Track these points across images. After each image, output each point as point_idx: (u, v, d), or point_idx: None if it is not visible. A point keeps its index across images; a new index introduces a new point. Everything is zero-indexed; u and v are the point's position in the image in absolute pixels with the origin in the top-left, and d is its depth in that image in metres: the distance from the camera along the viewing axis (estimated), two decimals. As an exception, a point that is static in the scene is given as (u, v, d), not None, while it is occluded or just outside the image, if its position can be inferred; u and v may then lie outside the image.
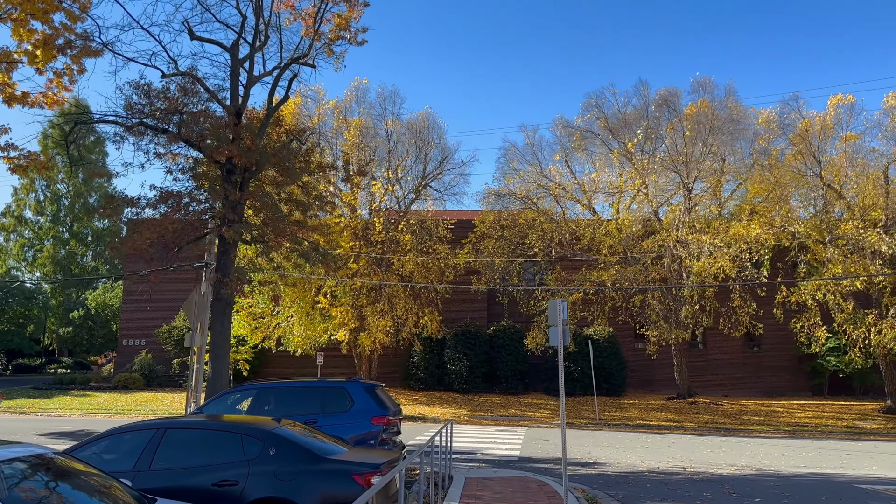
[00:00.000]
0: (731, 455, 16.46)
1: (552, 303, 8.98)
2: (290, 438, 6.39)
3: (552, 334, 8.91)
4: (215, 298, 13.80)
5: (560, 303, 8.94)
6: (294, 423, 7.18)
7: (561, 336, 8.79)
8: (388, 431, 10.78)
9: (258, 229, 13.74)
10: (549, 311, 9.05)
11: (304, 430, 7.05)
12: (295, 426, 7.01)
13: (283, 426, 6.77)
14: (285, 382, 11.76)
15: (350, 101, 30.09)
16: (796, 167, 28.23)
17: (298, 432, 6.75)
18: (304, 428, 7.18)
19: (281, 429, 6.64)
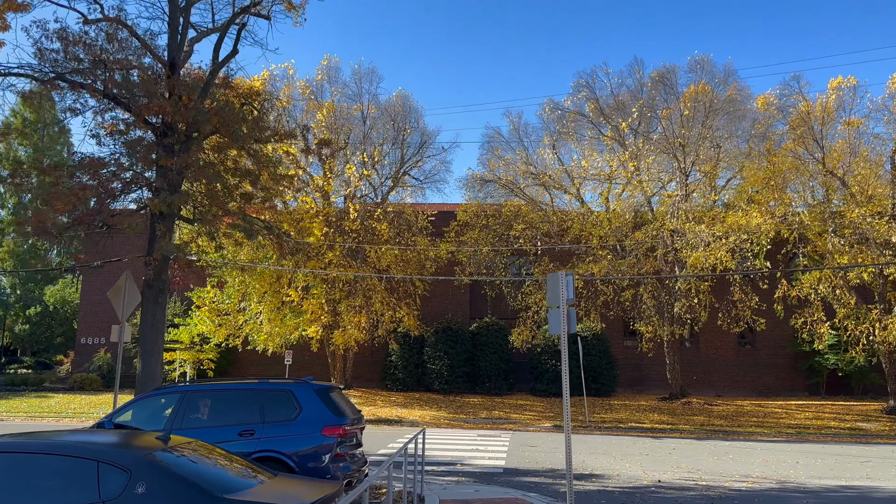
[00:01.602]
0: (742, 464, 14.68)
1: (553, 277, 7.06)
2: (173, 468, 4.37)
3: (553, 319, 7.01)
4: (146, 284, 11.77)
5: (564, 276, 7.03)
6: (191, 443, 5.14)
7: (565, 320, 6.89)
8: (344, 444, 8.81)
9: (198, 203, 11.73)
10: (549, 288, 7.16)
11: (202, 452, 4.97)
12: (190, 447, 4.97)
13: (168, 448, 4.75)
14: (217, 384, 9.73)
15: (321, 80, 28.00)
16: (796, 153, 26.59)
17: (191, 456, 4.73)
18: (204, 449, 5.13)
19: (163, 452, 4.60)
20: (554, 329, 7.13)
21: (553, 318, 7.10)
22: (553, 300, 7.19)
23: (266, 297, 26.93)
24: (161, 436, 4.90)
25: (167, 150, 11.44)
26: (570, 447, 6.69)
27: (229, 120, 11.42)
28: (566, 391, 6.99)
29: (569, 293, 7.01)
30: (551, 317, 7.14)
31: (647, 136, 26.71)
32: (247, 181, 12.51)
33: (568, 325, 6.92)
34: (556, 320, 7.04)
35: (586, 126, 28.35)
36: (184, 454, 4.65)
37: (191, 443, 5.08)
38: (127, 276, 12.23)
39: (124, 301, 12.00)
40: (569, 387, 6.82)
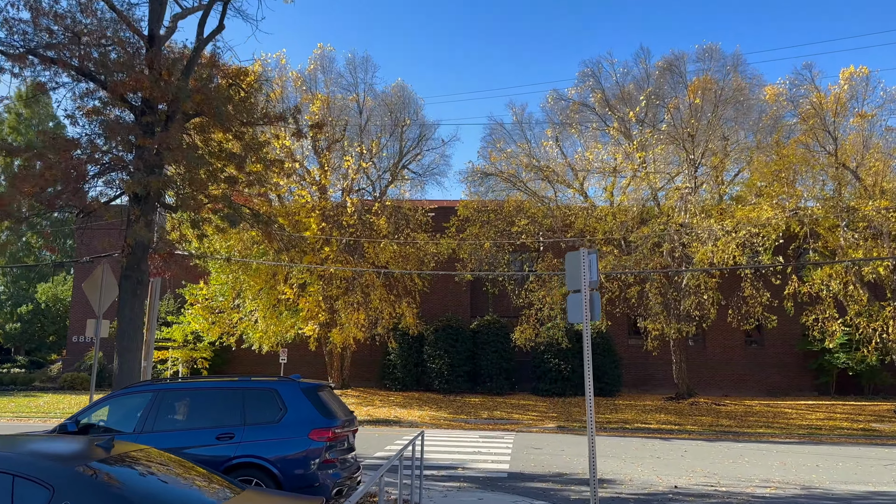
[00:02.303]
0: (760, 467, 13.87)
1: (573, 256, 6.22)
2: (108, 484, 3.50)
3: (573, 305, 6.17)
4: (123, 276, 10.94)
5: (586, 255, 6.19)
6: (141, 450, 4.25)
7: (587, 305, 6.04)
8: (334, 449, 7.98)
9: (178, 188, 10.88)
10: (568, 269, 6.31)
11: (152, 462, 4.05)
12: (138, 455, 4.08)
13: (107, 459, 3.86)
14: (194, 382, 8.89)
15: (314, 70, 27.10)
16: (807, 145, 25.79)
17: (137, 468, 3.86)
18: (157, 458, 4.23)
19: (100, 464, 3.71)
20: (574, 316, 6.28)
21: (573, 303, 6.25)
22: (573, 282, 6.34)
23: (261, 295, 26.12)
24: (102, 442, 4.03)
25: (145, 129, 10.62)
26: (595, 452, 5.85)
27: (213, 98, 10.59)
28: (589, 389, 6.12)
29: (591, 274, 6.15)
30: (571, 302, 6.30)
31: (655, 126, 25.85)
32: (232, 165, 11.68)
33: (591, 310, 6.07)
34: (576, 306, 6.18)
35: (591, 118, 27.52)
36: (127, 465, 3.80)
37: (141, 450, 4.23)
38: (104, 267, 11.43)
39: (101, 294, 11.21)
40: (592, 384, 5.96)
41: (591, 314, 6.09)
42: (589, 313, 6.06)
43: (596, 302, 6.28)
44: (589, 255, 6.32)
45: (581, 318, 6.16)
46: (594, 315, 6.16)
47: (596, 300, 6.31)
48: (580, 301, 6.25)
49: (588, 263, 6.25)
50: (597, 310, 6.18)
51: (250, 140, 11.87)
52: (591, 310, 6.14)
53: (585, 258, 6.30)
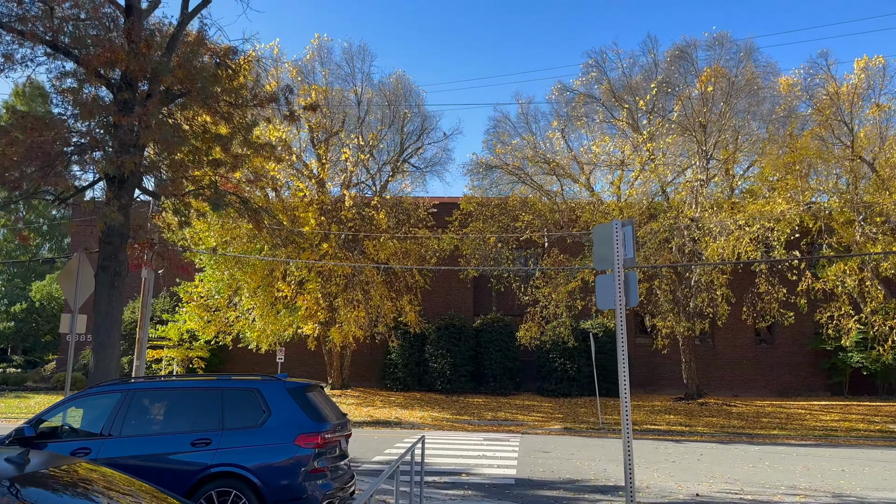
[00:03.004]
0: (782, 472, 13.04)
1: (602, 229, 5.32)
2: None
3: (603, 288, 5.26)
4: (100, 266, 10.12)
5: (619, 227, 5.30)
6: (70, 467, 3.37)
7: (620, 288, 5.13)
8: (323, 456, 7.14)
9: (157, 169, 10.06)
10: (597, 245, 5.39)
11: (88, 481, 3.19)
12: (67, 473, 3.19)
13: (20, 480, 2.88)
14: (168, 381, 8.09)
15: (311, 60, 26.29)
16: (822, 137, 24.95)
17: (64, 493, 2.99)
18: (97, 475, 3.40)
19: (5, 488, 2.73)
20: (604, 302, 5.40)
21: (603, 286, 5.32)
22: (602, 261, 5.45)
23: (258, 293, 25.33)
24: (15, 456, 3.18)
25: (122, 107, 9.82)
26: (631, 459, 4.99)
27: (197, 76, 9.78)
28: (624, 385, 5.20)
29: (627, 250, 5.22)
30: (600, 285, 5.37)
31: (664, 116, 24.97)
32: (217, 146, 10.86)
33: (627, 294, 5.20)
34: (607, 289, 5.26)
35: (597, 109, 26.67)
36: (46, 487, 2.98)
37: (71, 466, 3.40)
38: (80, 256, 10.64)
39: (77, 286, 10.41)
40: (628, 383, 5.08)
41: (626, 298, 5.22)
42: (624, 297, 5.18)
43: (632, 283, 5.37)
44: (623, 228, 5.43)
45: (613, 304, 5.27)
46: (630, 300, 5.28)
47: (632, 281, 5.39)
48: (612, 283, 5.33)
49: (622, 237, 5.33)
50: (633, 293, 5.27)
51: (239, 122, 11.07)
52: (627, 293, 5.25)
53: (619, 231, 5.36)
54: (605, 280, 5.51)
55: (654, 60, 25.47)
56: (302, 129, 26.35)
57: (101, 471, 3.48)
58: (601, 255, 5.52)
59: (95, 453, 6.89)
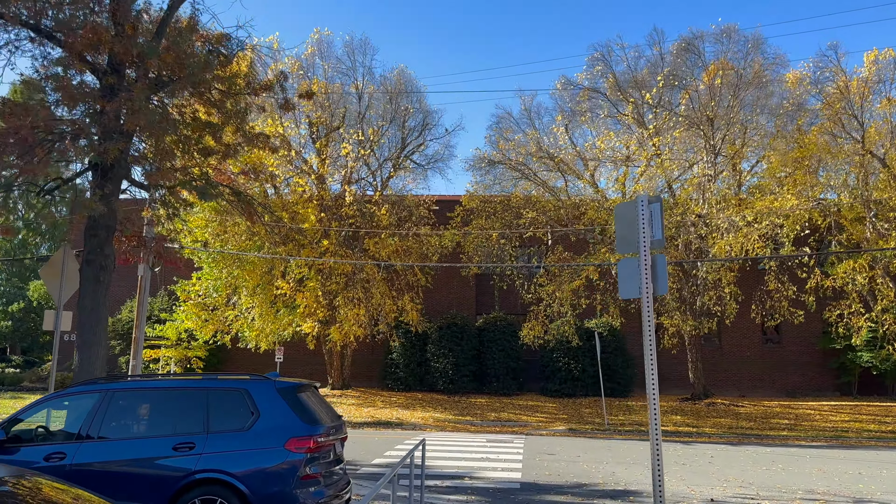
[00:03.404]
0: (797, 475, 12.55)
1: (626, 207, 4.80)
2: None
3: (625, 274, 4.72)
4: (85, 261, 9.65)
5: (647, 204, 4.76)
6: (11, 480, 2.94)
7: (647, 274, 4.60)
8: (316, 461, 6.65)
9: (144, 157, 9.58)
10: (619, 225, 4.87)
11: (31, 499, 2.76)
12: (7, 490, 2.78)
13: None
14: (150, 381, 7.61)
15: (311, 54, 25.79)
16: (831, 132, 24.43)
17: None
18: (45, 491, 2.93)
19: None
20: (627, 290, 4.78)
21: (626, 272, 4.78)
22: (625, 243, 4.97)
23: (257, 291, 24.87)
24: None
25: (107, 92, 9.36)
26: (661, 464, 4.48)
27: (188, 61, 9.30)
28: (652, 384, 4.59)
29: (655, 230, 4.66)
30: (623, 271, 4.87)
31: (671, 110, 24.44)
32: (208, 134, 10.39)
33: (655, 280, 4.65)
34: (630, 275, 4.71)
35: (602, 104, 26.16)
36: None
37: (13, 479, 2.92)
38: (65, 249, 10.20)
39: (62, 281, 9.97)
40: (657, 380, 4.55)
41: (654, 286, 4.69)
42: (650, 284, 4.66)
43: (660, 268, 4.78)
44: (651, 205, 4.87)
45: (638, 292, 4.76)
46: (659, 287, 4.75)
47: (661, 266, 4.79)
48: (637, 268, 4.78)
49: (648, 216, 4.77)
50: (662, 279, 4.76)
51: (231, 109, 10.59)
52: (655, 279, 4.73)
53: (645, 208, 4.79)
54: (628, 265, 4.93)
55: (660, 54, 24.96)
56: (301, 125, 25.93)
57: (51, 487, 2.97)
58: (624, 237, 4.99)
59: (70, 458, 6.43)
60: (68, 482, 3.16)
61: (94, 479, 6.32)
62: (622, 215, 4.94)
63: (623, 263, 5.03)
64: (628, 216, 4.89)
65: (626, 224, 4.92)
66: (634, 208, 4.85)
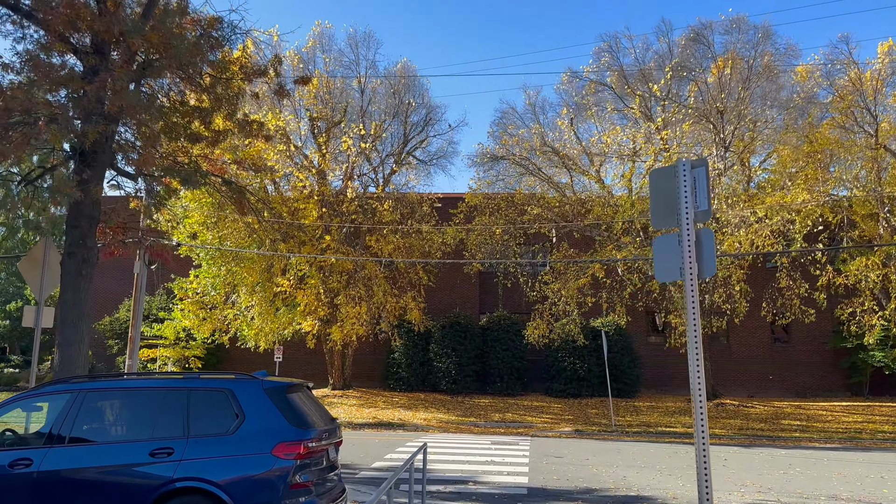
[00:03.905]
0: (816, 479, 11.99)
1: (660, 174, 4.13)
2: None
3: (662, 252, 4.06)
4: (66, 253, 9.13)
5: (689, 169, 4.06)
6: None
7: (691, 252, 3.91)
8: (307, 469, 6.10)
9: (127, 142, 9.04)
10: (653, 196, 4.15)
11: None
12: None
13: None
14: (126, 380, 7.05)
15: (312, 47, 25.25)
16: (843, 125, 23.84)
17: None
18: None
19: None
20: (666, 272, 4.18)
21: (664, 250, 4.17)
22: (662, 217, 4.29)
23: (257, 290, 24.35)
24: None
25: (88, 73, 8.83)
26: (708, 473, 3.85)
27: (175, 43, 8.74)
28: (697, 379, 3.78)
29: (699, 200, 4.05)
30: (659, 249, 4.24)
31: (680, 102, 23.83)
32: (197, 119, 9.85)
33: (700, 260, 3.95)
34: (668, 255, 4.10)
35: (608, 98, 25.58)
36: None
37: None
38: (45, 242, 9.68)
39: (43, 274, 9.46)
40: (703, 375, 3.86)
41: (699, 266, 3.97)
42: (695, 264, 3.95)
43: (707, 244, 4.03)
44: (694, 170, 4.14)
45: (679, 274, 4.06)
46: (705, 268, 4.00)
47: (707, 241, 4.05)
48: (677, 246, 4.05)
49: (691, 183, 4.05)
50: (709, 258, 4.01)
51: (221, 93, 10.05)
52: (700, 259, 3.98)
53: (687, 173, 4.06)
54: (666, 243, 4.21)
55: (669, 45, 24.35)
56: (302, 121, 25.43)
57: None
58: (660, 209, 4.31)
59: (37, 464, 5.89)
60: None
61: (62, 488, 5.81)
62: (658, 184, 4.33)
63: (660, 241, 4.35)
64: (665, 185, 4.24)
65: (663, 194, 4.26)
66: (673, 175, 4.22)
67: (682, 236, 4.08)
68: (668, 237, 4.25)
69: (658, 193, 4.31)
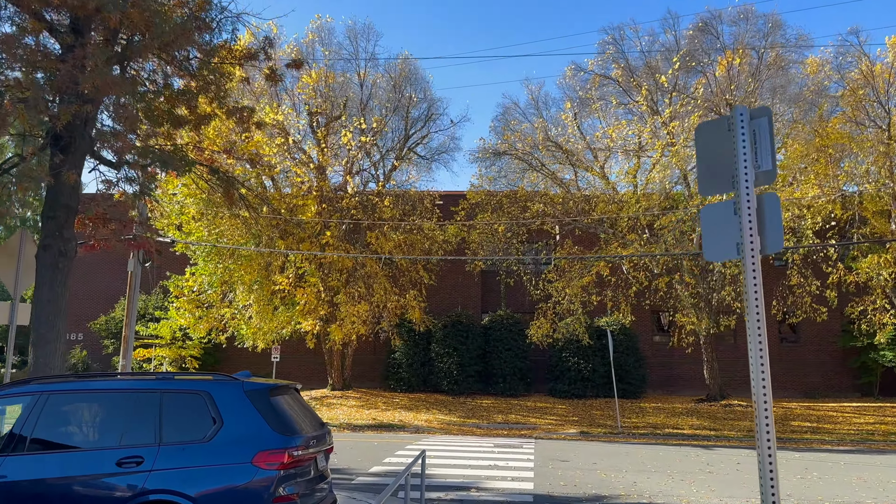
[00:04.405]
0: (836, 484, 11.42)
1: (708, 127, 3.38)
2: None
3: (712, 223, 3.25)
4: (41, 246, 8.59)
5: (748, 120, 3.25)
6: None
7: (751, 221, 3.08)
8: (292, 480, 5.55)
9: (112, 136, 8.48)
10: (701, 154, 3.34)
11: None
12: None
13: None
14: (92, 381, 6.47)
15: (312, 41, 24.71)
16: (854, 119, 23.25)
17: None
18: None
19: None
20: (716, 249, 3.43)
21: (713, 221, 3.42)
22: (711, 181, 3.52)
23: (255, 288, 23.80)
24: None
25: (65, 52, 8.29)
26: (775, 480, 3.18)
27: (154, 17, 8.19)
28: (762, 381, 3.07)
29: (762, 159, 3.33)
30: (708, 219, 3.47)
31: (687, 94, 23.22)
32: (182, 104, 9.29)
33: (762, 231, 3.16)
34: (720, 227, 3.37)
35: (612, 93, 24.98)
36: None
37: None
38: (22, 234, 9.15)
39: (19, 268, 8.92)
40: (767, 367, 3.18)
41: (762, 241, 3.25)
42: (756, 238, 3.20)
43: (771, 212, 3.27)
44: (754, 121, 3.37)
45: (734, 251, 3.32)
46: (770, 242, 3.21)
47: (771, 209, 3.28)
48: (732, 215, 3.30)
49: (750, 136, 3.29)
50: (775, 229, 3.26)
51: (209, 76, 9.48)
52: (763, 231, 3.24)
53: (745, 125, 3.29)
54: (717, 213, 3.41)
55: (676, 37, 23.73)
56: (301, 116, 24.90)
57: None
58: (709, 172, 3.52)
59: (-7, 475, 5.36)
60: None
61: (20, 501, 5.26)
62: (707, 141, 3.54)
63: (709, 212, 3.56)
64: (716, 141, 3.45)
65: (713, 153, 3.49)
66: (727, 128, 3.45)
67: (739, 203, 3.34)
68: (720, 206, 3.51)
69: (706, 152, 3.59)
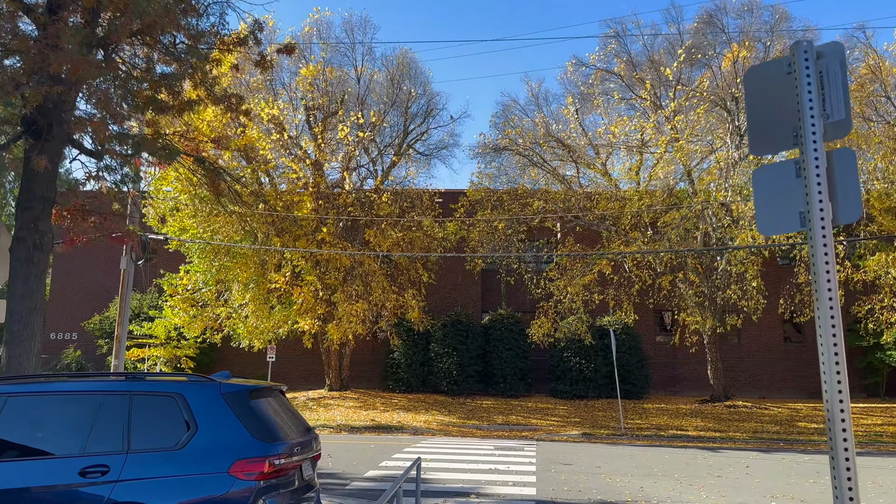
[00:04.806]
0: (852, 490, 10.92)
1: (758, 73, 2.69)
2: None
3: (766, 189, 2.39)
4: (15, 237, 8.14)
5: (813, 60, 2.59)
6: None
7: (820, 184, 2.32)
8: (274, 491, 5.09)
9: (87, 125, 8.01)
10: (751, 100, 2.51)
11: None
12: None
13: None
14: (54, 383, 5.99)
15: (309, 34, 24.25)
16: (862, 115, 22.82)
17: None
18: None
19: None
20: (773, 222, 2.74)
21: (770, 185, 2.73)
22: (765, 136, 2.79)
23: (250, 286, 23.34)
24: None
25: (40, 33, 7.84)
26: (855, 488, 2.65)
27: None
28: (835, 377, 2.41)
29: (832, 107, 2.64)
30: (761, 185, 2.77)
31: (692, 87, 22.75)
32: (164, 87, 8.83)
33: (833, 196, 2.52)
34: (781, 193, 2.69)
35: (615, 88, 24.52)
36: None
37: None
38: (-3, 228, 8.72)
39: (-6, 263, 8.49)
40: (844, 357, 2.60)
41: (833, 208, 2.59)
42: (828, 204, 2.53)
43: (845, 173, 2.61)
44: (820, 60, 2.68)
45: (798, 222, 2.64)
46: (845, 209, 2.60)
47: (845, 168, 2.60)
48: (794, 178, 2.64)
49: (817, 80, 2.62)
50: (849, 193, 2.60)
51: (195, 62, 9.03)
52: (833, 195, 2.57)
53: (811, 66, 2.63)
54: (773, 175, 2.72)
55: (679, 31, 23.28)
56: (298, 111, 24.46)
57: None
58: (762, 125, 2.80)
59: (-57, 486, 4.91)
60: None
61: (-27, 515, 4.83)
62: (758, 88, 2.82)
63: (763, 173, 2.83)
64: (772, 87, 2.72)
65: (768, 101, 2.74)
66: (786, 70, 2.72)
67: (805, 162, 2.63)
68: (778, 166, 2.79)
69: (759, 102, 2.84)
